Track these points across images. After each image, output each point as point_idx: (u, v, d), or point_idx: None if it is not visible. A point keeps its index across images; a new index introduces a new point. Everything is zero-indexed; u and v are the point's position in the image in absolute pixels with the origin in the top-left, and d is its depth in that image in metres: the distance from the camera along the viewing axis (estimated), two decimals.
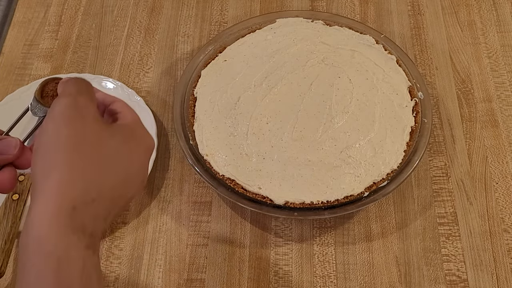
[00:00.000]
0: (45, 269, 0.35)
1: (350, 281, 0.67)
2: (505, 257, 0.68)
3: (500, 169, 0.74)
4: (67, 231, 0.36)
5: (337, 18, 0.83)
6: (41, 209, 0.37)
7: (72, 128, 0.40)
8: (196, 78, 0.78)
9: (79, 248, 0.37)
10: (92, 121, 0.42)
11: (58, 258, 0.35)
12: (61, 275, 0.35)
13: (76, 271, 0.36)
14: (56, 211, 0.37)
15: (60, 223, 0.36)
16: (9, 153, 0.44)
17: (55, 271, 0.35)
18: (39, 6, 0.94)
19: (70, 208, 0.37)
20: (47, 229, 0.36)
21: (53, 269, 0.35)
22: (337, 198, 0.67)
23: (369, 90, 0.73)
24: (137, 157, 0.45)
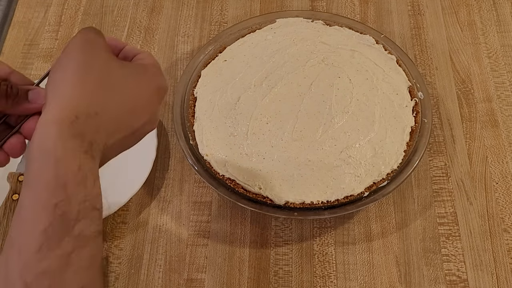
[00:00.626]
0: (44, 165, 0.39)
1: (350, 281, 0.67)
2: (505, 257, 0.68)
3: (500, 169, 0.74)
4: (67, 135, 0.39)
5: (337, 18, 0.83)
6: (45, 117, 0.40)
7: (82, 54, 0.44)
8: (196, 78, 0.78)
9: (77, 151, 0.40)
10: (101, 50, 0.45)
11: (56, 156, 0.39)
12: (58, 171, 0.38)
13: (72, 170, 0.39)
14: (58, 118, 0.40)
15: (61, 128, 0.40)
16: (39, 102, 0.46)
17: (53, 167, 0.38)
18: (39, 6, 0.94)
19: (73, 116, 0.40)
20: (49, 132, 0.39)
21: (51, 165, 0.38)
22: (337, 198, 0.67)
23: (369, 90, 0.73)
24: (145, 92, 0.47)
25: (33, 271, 0.37)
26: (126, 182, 0.71)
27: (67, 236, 0.38)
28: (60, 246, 0.38)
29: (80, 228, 0.39)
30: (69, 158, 0.39)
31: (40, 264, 0.37)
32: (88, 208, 0.40)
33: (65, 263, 0.38)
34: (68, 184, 0.39)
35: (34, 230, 0.37)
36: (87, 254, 0.39)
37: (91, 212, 0.40)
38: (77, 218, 0.39)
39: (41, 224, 0.37)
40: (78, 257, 0.38)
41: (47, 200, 0.38)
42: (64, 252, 0.38)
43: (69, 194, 0.38)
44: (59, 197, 0.38)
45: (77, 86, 0.42)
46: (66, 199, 0.38)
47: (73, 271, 0.38)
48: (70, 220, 0.38)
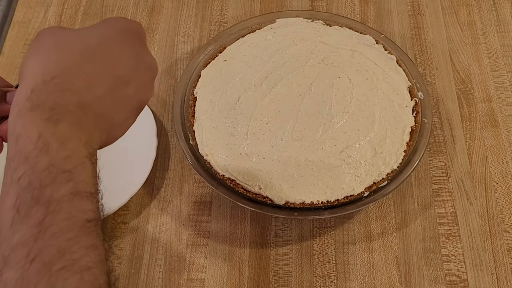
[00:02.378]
0: (9, 146, 0.40)
1: (350, 281, 0.67)
2: (505, 257, 0.68)
3: (500, 169, 0.74)
4: (24, 111, 0.40)
5: (337, 18, 0.83)
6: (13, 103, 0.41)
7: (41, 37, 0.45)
8: (196, 78, 0.78)
9: (35, 122, 0.40)
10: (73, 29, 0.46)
11: (16, 134, 0.39)
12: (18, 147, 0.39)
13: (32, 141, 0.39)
14: (17, 99, 0.41)
15: (19, 107, 0.40)
16: None
17: (14, 145, 0.39)
18: (39, 6, 0.94)
19: (28, 92, 0.40)
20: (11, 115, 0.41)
21: (13, 144, 0.40)
22: (337, 198, 0.67)
23: (369, 90, 0.73)
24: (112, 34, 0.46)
25: (9, 245, 0.37)
26: (126, 182, 0.71)
27: (36, 204, 0.38)
28: (30, 216, 0.37)
29: (48, 194, 0.38)
30: (28, 131, 0.39)
31: (14, 237, 0.37)
32: (54, 172, 0.39)
33: (39, 231, 0.37)
34: (29, 155, 0.39)
35: (5, 206, 0.38)
36: (61, 218, 0.38)
37: (59, 176, 0.39)
38: (42, 185, 0.38)
39: (10, 199, 0.38)
40: (52, 222, 0.38)
41: (12, 176, 0.39)
42: (36, 221, 0.37)
43: (32, 165, 0.38)
44: (22, 170, 0.38)
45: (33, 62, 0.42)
46: (28, 169, 0.38)
47: (49, 237, 0.37)
48: (35, 188, 0.38)
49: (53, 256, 0.37)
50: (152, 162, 0.73)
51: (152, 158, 0.73)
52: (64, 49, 0.43)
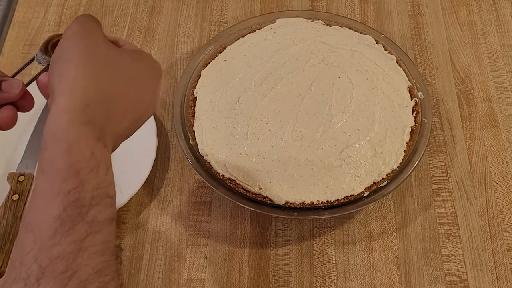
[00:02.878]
0: (57, 153, 0.39)
1: (350, 281, 0.67)
2: (505, 257, 0.68)
3: (500, 169, 0.74)
4: (79, 123, 0.40)
5: (337, 18, 0.83)
6: (56, 107, 0.41)
7: (82, 42, 0.45)
8: (196, 78, 0.78)
9: (89, 138, 0.40)
10: (100, 38, 0.47)
11: (68, 144, 0.39)
12: (71, 159, 0.39)
13: (84, 157, 0.40)
14: (69, 106, 0.41)
15: (73, 116, 0.40)
16: (12, 92, 0.47)
17: (65, 155, 0.39)
18: (39, 6, 0.94)
19: (83, 104, 0.41)
20: (61, 120, 0.40)
21: (64, 153, 0.39)
22: (337, 198, 0.67)
23: (369, 90, 0.73)
24: (146, 76, 0.49)
25: (48, 255, 0.38)
26: (126, 182, 0.71)
27: (81, 222, 0.39)
28: (74, 232, 0.38)
29: (93, 215, 0.39)
30: (82, 145, 0.40)
31: (54, 249, 0.38)
32: (101, 195, 0.40)
33: (79, 248, 0.38)
34: (81, 171, 0.39)
35: (48, 216, 0.38)
36: (100, 240, 0.40)
37: (104, 199, 0.41)
38: (90, 205, 0.39)
39: (55, 210, 0.38)
40: (92, 242, 0.39)
41: (60, 187, 0.39)
42: (78, 238, 0.38)
43: (82, 181, 0.39)
44: (73, 184, 0.39)
45: (85, 75, 0.43)
46: (79, 185, 0.39)
47: (87, 256, 0.39)
48: (84, 206, 0.39)
49: (89, 275, 0.39)
50: (152, 162, 0.73)
51: (152, 158, 0.73)
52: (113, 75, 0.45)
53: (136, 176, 0.72)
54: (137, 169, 0.73)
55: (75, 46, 0.45)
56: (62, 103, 0.41)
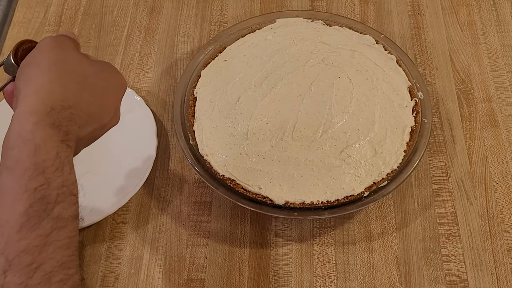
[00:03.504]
0: (24, 153, 0.41)
1: (350, 281, 0.67)
2: (505, 257, 0.68)
3: (500, 169, 0.74)
4: (44, 124, 0.42)
5: (337, 18, 0.83)
6: (22, 109, 0.43)
7: (54, 51, 0.48)
8: (196, 78, 0.78)
9: (54, 139, 0.43)
10: (72, 50, 0.50)
11: (35, 144, 0.41)
12: (37, 158, 0.41)
13: (50, 156, 0.42)
14: (35, 108, 0.43)
15: (39, 118, 0.42)
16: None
17: (32, 155, 0.41)
18: (39, 6, 0.94)
19: (48, 108, 0.43)
20: (27, 121, 0.42)
21: (31, 153, 0.41)
22: (337, 198, 0.67)
23: (369, 90, 0.73)
24: (111, 87, 0.52)
25: (15, 249, 0.40)
26: (126, 182, 0.71)
27: (46, 218, 0.41)
28: (40, 227, 0.41)
29: (58, 211, 0.42)
30: (48, 145, 0.42)
31: (21, 242, 0.40)
32: (65, 193, 0.43)
33: (45, 243, 0.41)
34: (46, 169, 0.42)
35: (15, 211, 0.40)
36: (65, 235, 0.42)
37: (69, 197, 0.43)
38: (55, 201, 0.42)
39: (22, 206, 0.40)
40: (57, 237, 0.41)
41: (27, 185, 0.41)
42: (44, 232, 0.41)
43: (48, 179, 0.41)
44: (39, 181, 0.41)
45: (51, 80, 0.45)
46: (45, 183, 0.41)
47: (52, 250, 0.41)
48: (49, 203, 0.41)
49: (54, 268, 0.41)
50: (152, 162, 0.73)
51: (152, 158, 0.73)
52: (81, 84, 0.48)
53: (136, 176, 0.72)
54: (137, 169, 0.73)
55: (45, 53, 0.47)
56: (28, 104, 0.43)
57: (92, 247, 0.70)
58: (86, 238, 0.70)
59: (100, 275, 0.68)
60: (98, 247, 0.70)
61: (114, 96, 0.52)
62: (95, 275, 0.68)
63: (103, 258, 0.69)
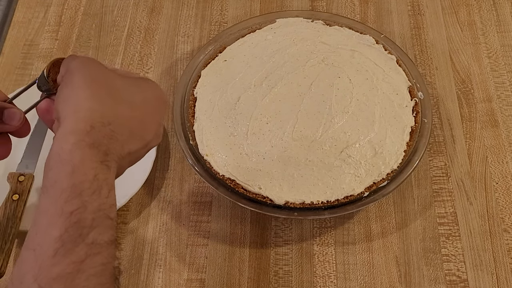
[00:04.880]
0: (62, 173, 0.40)
1: (350, 281, 0.67)
2: (505, 257, 0.68)
3: (500, 169, 0.74)
4: (84, 145, 0.41)
5: (337, 18, 0.83)
6: (63, 130, 0.42)
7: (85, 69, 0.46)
8: (196, 78, 0.78)
9: (93, 160, 0.41)
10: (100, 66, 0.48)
11: (73, 164, 0.40)
12: (75, 180, 0.40)
13: (88, 179, 0.40)
14: (75, 128, 0.42)
15: (78, 138, 0.41)
16: (12, 124, 0.49)
17: (69, 176, 0.40)
18: (39, 6, 0.94)
19: (88, 127, 0.42)
20: (66, 142, 0.41)
21: (68, 173, 0.40)
22: (337, 198, 0.67)
23: (369, 90, 0.73)
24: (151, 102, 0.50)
25: (47, 275, 0.38)
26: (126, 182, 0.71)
27: (81, 243, 0.39)
28: (74, 253, 0.39)
29: (93, 236, 0.40)
30: (86, 167, 0.41)
31: (54, 269, 0.38)
32: (102, 217, 0.41)
33: (78, 270, 0.39)
34: (83, 192, 0.40)
35: (50, 235, 0.39)
36: (99, 262, 0.40)
37: (105, 221, 0.41)
38: (91, 226, 0.40)
39: (57, 230, 0.39)
40: (91, 264, 0.40)
41: (63, 208, 0.39)
42: (78, 259, 0.39)
43: (84, 203, 0.40)
44: (75, 205, 0.39)
45: (89, 98, 0.44)
46: (81, 207, 0.40)
47: (85, 278, 0.39)
48: (85, 227, 0.40)
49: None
50: (152, 162, 0.73)
51: (152, 158, 0.73)
52: (117, 98, 0.46)
53: (136, 176, 0.72)
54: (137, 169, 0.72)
55: (77, 72, 0.46)
56: (68, 125, 0.42)
57: None
58: None
59: None
60: None
61: (154, 111, 0.50)
62: None
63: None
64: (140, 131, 0.48)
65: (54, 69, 0.51)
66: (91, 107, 0.44)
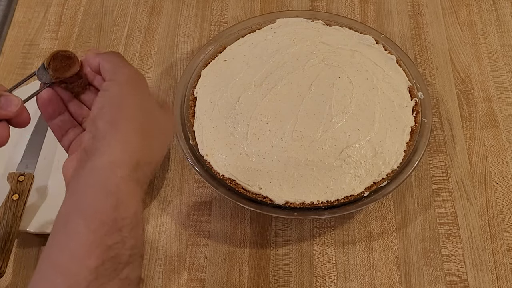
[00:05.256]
0: (105, 206, 0.39)
1: (350, 281, 0.67)
2: (505, 257, 0.68)
3: (500, 169, 0.74)
4: (129, 180, 0.40)
5: (337, 18, 0.83)
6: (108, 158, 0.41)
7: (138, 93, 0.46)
8: (196, 78, 0.78)
9: (136, 198, 0.41)
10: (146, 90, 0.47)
11: (118, 199, 0.39)
12: (118, 214, 0.39)
13: (129, 215, 0.40)
14: (123, 162, 0.41)
15: (125, 173, 0.40)
16: (9, 110, 0.46)
17: (113, 209, 0.39)
18: (39, 6, 0.94)
19: (135, 162, 0.41)
20: (113, 175, 0.40)
21: (112, 207, 0.39)
22: (337, 198, 0.67)
23: (369, 90, 0.73)
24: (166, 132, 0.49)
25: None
26: None
27: (115, 278, 0.39)
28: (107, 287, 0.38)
29: (127, 272, 0.39)
30: (130, 202, 0.40)
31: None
32: (136, 254, 0.40)
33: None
34: (124, 228, 0.39)
35: (86, 265, 0.38)
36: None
37: (138, 259, 0.41)
38: (127, 262, 0.39)
39: (93, 261, 0.38)
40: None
41: (102, 239, 0.38)
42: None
43: (124, 238, 0.39)
44: (115, 239, 0.39)
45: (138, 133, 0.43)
46: (120, 242, 0.39)
47: None
48: (120, 263, 0.39)
49: None
50: None
51: None
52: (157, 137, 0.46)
53: None
54: None
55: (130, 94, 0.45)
56: (115, 155, 0.41)
57: None
58: None
59: None
60: None
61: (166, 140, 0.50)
62: None
63: None
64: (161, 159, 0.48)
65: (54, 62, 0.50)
66: (139, 143, 0.43)
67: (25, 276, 0.68)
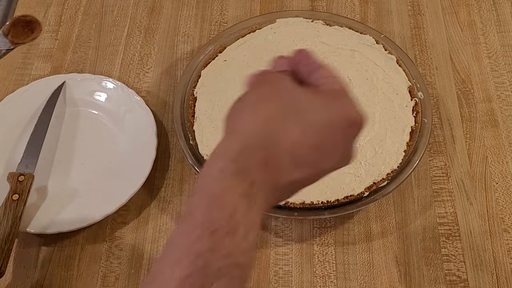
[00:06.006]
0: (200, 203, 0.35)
1: (350, 281, 0.67)
2: (505, 257, 0.68)
3: (500, 169, 0.74)
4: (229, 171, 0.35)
5: (337, 18, 0.83)
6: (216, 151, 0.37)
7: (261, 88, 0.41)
8: (196, 78, 0.78)
9: (233, 194, 0.34)
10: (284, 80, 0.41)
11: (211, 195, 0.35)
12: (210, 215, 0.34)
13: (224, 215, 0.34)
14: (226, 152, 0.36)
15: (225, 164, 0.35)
16: None
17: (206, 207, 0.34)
18: (39, 6, 0.94)
19: (238, 150, 0.36)
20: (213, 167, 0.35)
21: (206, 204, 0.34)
22: (337, 198, 0.67)
23: (369, 90, 0.73)
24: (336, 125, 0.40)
25: None
26: (126, 182, 0.71)
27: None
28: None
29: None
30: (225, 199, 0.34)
31: None
32: (230, 265, 0.33)
33: None
34: (216, 232, 0.33)
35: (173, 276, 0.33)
36: None
37: (234, 271, 0.34)
38: (216, 275, 0.33)
39: (180, 271, 0.33)
40: None
41: (192, 246, 0.33)
42: None
43: (215, 245, 0.33)
44: (204, 245, 0.33)
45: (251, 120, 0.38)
46: (210, 249, 0.33)
47: None
48: (209, 275, 0.33)
49: None
50: (152, 162, 0.73)
51: (152, 158, 0.73)
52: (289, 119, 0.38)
53: (136, 176, 0.72)
54: (137, 169, 0.72)
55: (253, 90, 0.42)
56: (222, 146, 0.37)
57: (92, 247, 0.70)
58: (86, 238, 0.70)
59: (101, 275, 0.68)
60: (98, 247, 0.70)
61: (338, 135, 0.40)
62: (95, 275, 0.68)
63: (103, 258, 0.69)
64: (312, 157, 0.39)
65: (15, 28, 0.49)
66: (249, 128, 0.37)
67: (25, 276, 0.68)
